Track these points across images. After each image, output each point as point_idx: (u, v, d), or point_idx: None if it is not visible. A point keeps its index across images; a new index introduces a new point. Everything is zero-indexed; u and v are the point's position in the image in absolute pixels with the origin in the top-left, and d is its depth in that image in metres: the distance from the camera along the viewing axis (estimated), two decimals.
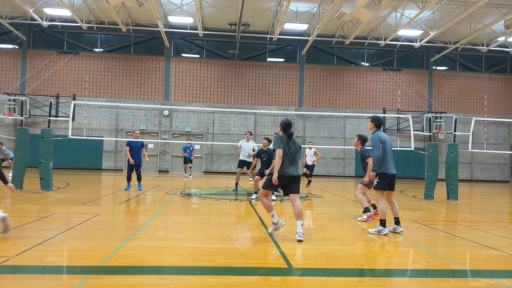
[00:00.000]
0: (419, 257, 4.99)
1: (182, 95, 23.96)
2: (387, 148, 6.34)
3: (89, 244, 4.98)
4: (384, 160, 6.31)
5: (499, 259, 5.00)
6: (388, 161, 6.33)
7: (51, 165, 11.12)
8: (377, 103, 25.03)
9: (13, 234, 5.43)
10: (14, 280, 3.69)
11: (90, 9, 21.32)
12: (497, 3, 18.46)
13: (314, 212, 8.98)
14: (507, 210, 10.65)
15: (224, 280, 3.83)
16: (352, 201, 11.09)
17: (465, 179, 24.96)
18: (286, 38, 23.79)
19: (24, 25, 22.74)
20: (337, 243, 5.65)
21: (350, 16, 17.87)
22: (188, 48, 24.93)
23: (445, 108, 25.40)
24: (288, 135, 5.85)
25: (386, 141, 6.35)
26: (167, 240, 5.41)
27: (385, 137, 6.42)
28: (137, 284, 3.62)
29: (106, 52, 23.97)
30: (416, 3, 18.20)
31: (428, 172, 12.18)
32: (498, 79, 26.04)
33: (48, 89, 23.12)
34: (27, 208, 7.84)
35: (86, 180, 15.80)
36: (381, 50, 25.46)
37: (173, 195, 11.03)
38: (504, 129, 25.75)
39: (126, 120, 23.36)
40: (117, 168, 23.17)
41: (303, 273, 4.16)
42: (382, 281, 3.98)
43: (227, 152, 23.39)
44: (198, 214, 8.35)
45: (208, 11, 21.41)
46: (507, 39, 21.63)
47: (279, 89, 24.49)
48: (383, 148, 6.28)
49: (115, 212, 8.00)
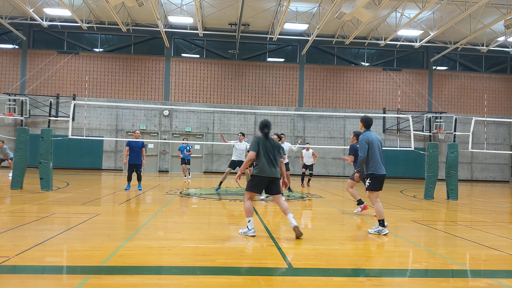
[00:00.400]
0: (419, 257, 4.99)
1: (182, 95, 23.97)
2: (375, 149, 6.34)
3: (89, 244, 4.97)
4: (372, 161, 6.33)
5: (499, 259, 4.99)
6: (376, 162, 6.34)
7: (51, 165, 11.12)
8: (377, 103, 25.03)
9: (13, 234, 5.43)
10: (14, 280, 3.69)
11: (90, 9, 21.33)
12: (497, 3, 18.46)
13: (314, 212, 8.98)
14: (507, 210, 10.65)
15: (224, 280, 3.83)
16: (352, 201, 11.08)
17: (465, 179, 24.96)
18: (286, 38, 23.79)
19: (24, 25, 22.74)
20: (337, 243, 5.65)
21: (350, 16, 17.87)
22: (188, 48, 24.93)
23: (445, 108, 25.40)
24: (264, 135, 5.88)
25: (373, 142, 6.35)
26: (167, 240, 5.41)
27: (373, 137, 6.42)
28: (137, 284, 3.62)
29: (106, 52, 23.97)
30: (416, 3, 18.20)
31: (428, 172, 12.17)
32: (498, 79, 26.04)
33: (48, 89, 23.12)
34: (27, 208, 7.84)
35: (86, 180, 15.80)
36: (381, 50, 25.46)
37: (173, 195, 11.03)
38: (504, 129, 25.75)
39: (126, 120, 23.36)
40: (117, 168, 23.17)
41: (303, 273, 4.16)
42: (382, 281, 3.97)
43: (227, 152, 23.39)
44: (198, 214, 8.35)
45: (208, 11, 21.41)
46: (507, 39, 21.63)
47: (279, 89, 24.49)
48: (371, 149, 6.31)
49: (115, 212, 8.00)
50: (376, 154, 6.35)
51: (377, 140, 6.46)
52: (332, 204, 10.24)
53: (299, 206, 9.92)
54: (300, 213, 8.92)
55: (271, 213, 8.52)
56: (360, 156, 6.34)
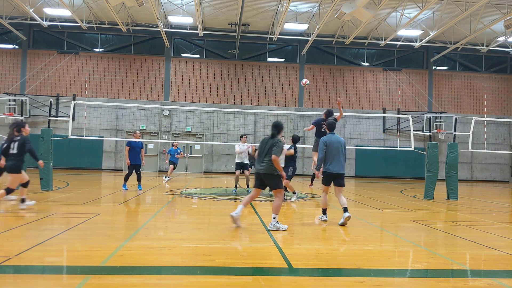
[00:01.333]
0: (419, 257, 4.99)
1: (182, 95, 23.97)
2: (331, 150, 7.06)
3: (89, 244, 4.97)
4: (326, 160, 7.10)
5: (499, 259, 5.00)
6: (330, 162, 7.07)
7: (51, 165, 11.13)
8: (377, 103, 25.04)
9: (13, 234, 5.43)
10: (14, 280, 3.69)
11: (90, 9, 21.33)
12: (497, 3, 18.46)
13: (315, 212, 8.98)
14: (507, 210, 10.65)
15: (224, 280, 3.83)
16: (352, 201, 11.08)
17: (465, 179, 24.96)
18: (286, 38, 23.79)
19: (24, 25, 22.74)
20: (337, 243, 5.66)
21: (350, 16, 17.88)
22: (188, 48, 24.93)
23: (445, 108, 25.40)
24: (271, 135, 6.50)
25: (331, 144, 7.08)
26: (167, 240, 5.41)
27: (333, 140, 7.11)
28: (137, 284, 3.62)
29: (106, 52, 23.98)
30: (416, 3, 18.20)
31: (428, 172, 12.17)
32: (498, 79, 26.04)
33: (48, 89, 23.12)
34: (27, 208, 7.83)
35: (86, 180, 15.80)
36: (381, 50, 25.46)
37: (173, 195, 11.03)
38: (504, 129, 25.75)
39: (126, 120, 23.36)
40: (117, 168, 23.17)
41: (303, 273, 4.16)
42: (382, 281, 3.97)
43: (227, 152, 23.40)
44: (198, 214, 8.36)
45: (208, 11, 21.41)
46: (507, 39, 21.63)
47: (279, 89, 24.49)
48: (327, 150, 7.06)
49: (115, 212, 8.00)
50: (331, 155, 7.06)
51: (336, 142, 7.11)
52: (332, 204, 10.23)
53: (299, 206, 9.92)
54: (300, 213, 8.92)
55: (271, 213, 8.51)
56: (319, 156, 7.16)
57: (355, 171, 24.42)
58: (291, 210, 9.16)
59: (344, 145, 7.18)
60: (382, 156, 24.30)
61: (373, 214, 8.80)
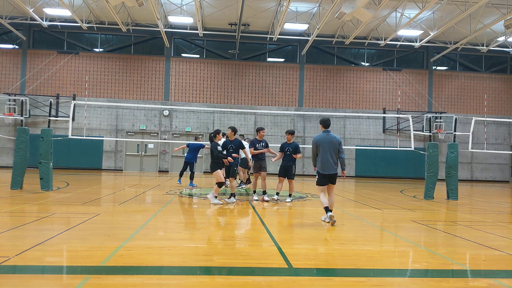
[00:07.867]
0: (419, 257, 4.99)
1: (182, 95, 23.96)
2: (322, 150, 7.00)
3: (89, 244, 4.98)
4: (318, 161, 7.08)
5: (499, 259, 5.00)
6: (322, 162, 7.02)
7: (51, 165, 11.12)
8: (377, 103, 25.04)
9: (13, 234, 5.43)
10: (14, 280, 3.69)
11: (90, 9, 21.33)
12: (497, 3, 18.46)
13: (314, 212, 8.97)
14: (507, 210, 10.65)
15: (224, 280, 3.83)
16: (352, 201, 11.09)
17: (465, 179, 24.96)
18: (286, 38, 23.79)
19: (24, 25, 22.74)
20: (337, 243, 5.66)
21: (350, 16, 17.87)
22: (188, 48, 24.93)
23: (445, 108, 25.40)
24: None
25: (322, 144, 7.00)
26: (167, 240, 5.41)
27: (324, 139, 7.02)
28: (137, 284, 3.62)
29: (106, 52, 23.97)
30: (416, 3, 18.19)
31: (428, 172, 12.17)
32: (498, 79, 26.04)
33: (48, 89, 23.12)
34: (27, 208, 7.84)
35: (86, 180, 15.80)
36: (381, 50, 25.46)
37: (173, 195, 11.03)
38: (504, 129, 25.74)
39: (126, 120, 23.36)
40: (117, 168, 23.17)
41: (303, 273, 4.16)
42: (382, 281, 3.97)
43: None
44: (198, 214, 8.35)
45: (208, 11, 21.41)
46: (507, 39, 21.63)
47: (279, 89, 24.49)
48: (318, 149, 7.04)
49: (115, 212, 8.00)
50: (323, 155, 6.99)
51: (327, 142, 7.01)
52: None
53: (299, 206, 9.92)
54: (300, 213, 8.92)
55: (271, 213, 8.53)
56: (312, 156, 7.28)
57: (355, 171, 24.42)
58: (291, 210, 9.16)
59: (338, 144, 7.04)
60: (382, 156, 24.31)
61: (373, 214, 8.80)
